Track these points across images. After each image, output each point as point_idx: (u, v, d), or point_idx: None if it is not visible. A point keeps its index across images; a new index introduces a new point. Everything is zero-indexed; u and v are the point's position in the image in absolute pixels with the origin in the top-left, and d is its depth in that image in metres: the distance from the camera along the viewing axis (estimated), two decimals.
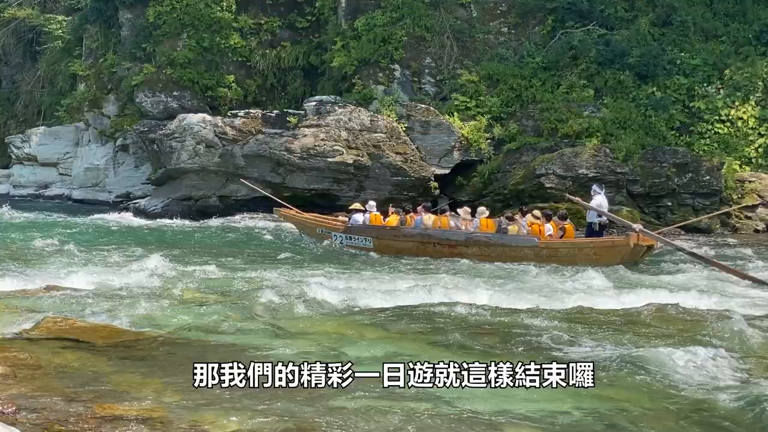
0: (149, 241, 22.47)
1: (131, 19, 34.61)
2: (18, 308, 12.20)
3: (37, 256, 18.46)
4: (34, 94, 40.96)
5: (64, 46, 38.28)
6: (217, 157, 29.93)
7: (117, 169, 34.91)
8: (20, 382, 8.27)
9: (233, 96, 33.75)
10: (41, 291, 13.69)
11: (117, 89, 34.92)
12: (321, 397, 7.78)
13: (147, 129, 33.23)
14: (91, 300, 13.05)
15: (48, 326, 10.76)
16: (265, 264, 18.21)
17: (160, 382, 8.35)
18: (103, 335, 10.53)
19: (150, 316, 11.97)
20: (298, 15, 34.14)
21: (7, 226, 25.27)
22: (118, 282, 14.82)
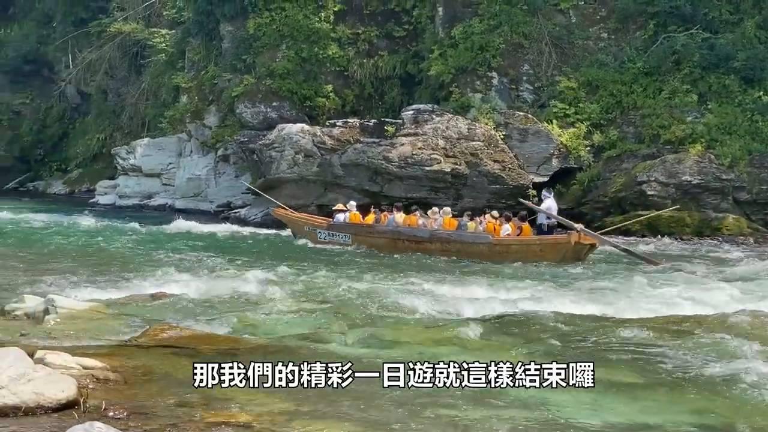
0: (249, 249, 22.79)
1: (232, 32, 35.18)
2: (127, 316, 12.50)
3: (143, 265, 18.86)
4: (138, 107, 41.92)
5: (167, 60, 39.10)
6: (315, 167, 30.20)
7: (218, 179, 35.49)
8: (130, 387, 8.46)
9: (331, 106, 34.02)
10: (148, 299, 13.99)
11: (218, 100, 35.52)
12: (425, 405, 7.79)
13: (247, 139, 33.71)
14: (196, 307, 13.30)
15: (155, 333, 11.00)
16: (363, 273, 18.31)
17: (269, 392, 8.44)
18: (207, 342, 10.71)
19: (252, 324, 12.14)
20: (395, 24, 34.26)
21: (115, 235, 25.91)
22: (221, 290, 15.04)
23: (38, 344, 10.03)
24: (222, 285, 15.58)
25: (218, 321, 12.22)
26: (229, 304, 13.78)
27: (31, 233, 25.97)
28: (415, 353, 10.30)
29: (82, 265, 18.57)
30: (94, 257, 20.38)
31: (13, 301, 12.77)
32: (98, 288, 15.21)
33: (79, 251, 21.69)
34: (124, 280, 16.36)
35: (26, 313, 12.20)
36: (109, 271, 17.57)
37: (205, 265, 18.87)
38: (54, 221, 29.38)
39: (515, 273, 19.00)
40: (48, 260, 19.65)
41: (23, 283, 15.71)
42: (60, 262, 19.19)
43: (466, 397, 8.05)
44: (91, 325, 11.71)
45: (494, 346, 10.68)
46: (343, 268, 18.88)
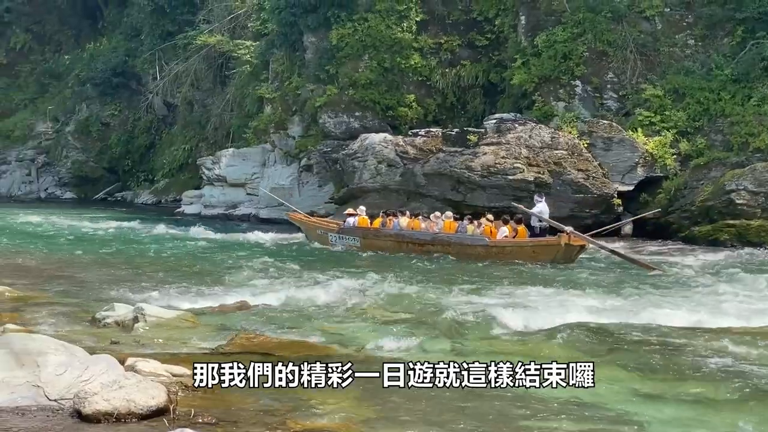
0: (333, 259, 22.88)
1: (315, 43, 35.48)
2: (213, 324, 12.67)
3: (227, 274, 19.08)
4: (223, 117, 42.44)
5: (251, 71, 39.53)
6: (398, 176, 30.27)
7: (301, 189, 35.75)
8: (217, 395, 8.55)
9: (413, 115, 34.07)
10: (233, 308, 14.16)
11: (301, 111, 35.82)
12: (510, 414, 7.74)
13: (330, 149, 33.95)
14: (280, 316, 13.42)
15: (241, 342, 11.12)
16: (449, 282, 18.26)
17: (353, 398, 8.47)
18: (293, 351, 10.78)
19: (338, 333, 12.20)
20: (477, 33, 34.19)
21: (200, 244, 26.28)
22: (304, 299, 15.15)
23: (128, 352, 10.22)
24: (305, 294, 15.67)
25: (302, 330, 12.32)
26: (312, 313, 13.87)
27: (119, 243, 26.46)
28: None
29: (169, 275, 18.87)
30: (180, 266, 20.67)
31: (104, 309, 13.03)
32: (185, 297, 15.44)
33: (166, 260, 22.03)
34: (209, 289, 16.57)
35: (116, 321, 12.45)
36: (194, 281, 17.81)
37: (287, 274, 19.01)
38: (141, 231, 29.93)
39: (588, 280, 18.77)
40: (136, 269, 20.01)
41: (113, 292, 16.02)
42: (148, 271, 19.53)
43: (542, 403, 8.00)
44: (179, 333, 11.90)
45: (588, 360, 10.54)
46: (420, 278, 18.84)
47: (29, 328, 11.86)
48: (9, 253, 23.06)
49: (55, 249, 24.35)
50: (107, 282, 17.48)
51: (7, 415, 7.59)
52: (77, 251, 23.78)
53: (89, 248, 24.51)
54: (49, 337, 9.86)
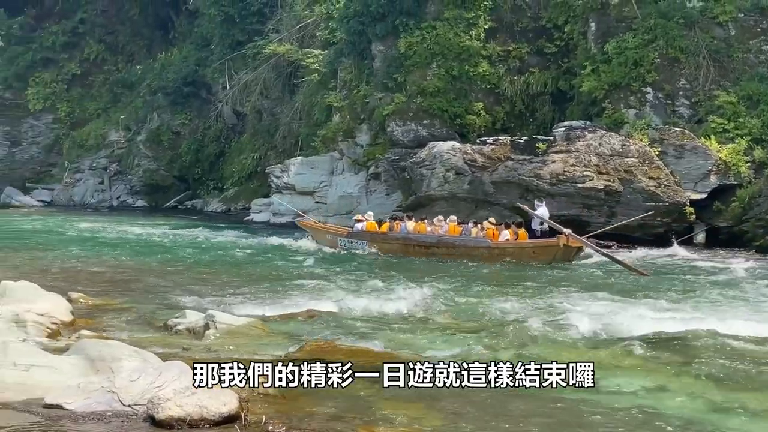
0: (401, 266, 22.86)
1: (383, 51, 35.55)
2: (282, 332, 12.73)
3: (296, 282, 19.16)
4: (292, 126, 42.70)
5: (320, 79, 39.73)
6: (466, 184, 30.16)
7: (369, 197, 35.79)
8: (288, 402, 8.58)
9: (481, 123, 33.93)
10: (302, 315, 14.21)
11: (369, 119, 35.90)
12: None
13: (398, 157, 33.95)
14: (349, 324, 13.44)
15: (311, 349, 11.14)
16: (506, 288, 18.14)
17: (422, 407, 8.44)
18: (362, 358, 10.78)
19: (406, 341, 12.18)
20: (546, 41, 33.97)
21: (268, 252, 26.44)
22: (373, 307, 15.16)
23: (200, 358, 10.29)
24: (371, 302, 15.69)
25: (371, 337, 12.31)
26: (381, 321, 13.86)
27: (189, 250, 26.73)
28: None
29: (238, 282, 19.02)
30: (249, 274, 20.81)
31: (176, 317, 13.16)
32: (254, 305, 15.53)
33: (235, 268, 22.21)
34: (277, 297, 16.65)
35: (187, 327, 12.57)
36: (263, 288, 17.93)
37: (354, 282, 19.01)
38: (210, 239, 30.23)
39: (652, 287, 18.49)
40: (206, 276, 20.20)
41: (183, 299, 16.19)
42: (217, 279, 19.71)
43: (608, 410, 7.88)
44: (249, 340, 11.97)
45: (662, 370, 10.38)
46: (479, 285, 18.77)
47: (103, 334, 12.05)
48: (83, 260, 23.44)
49: (126, 256, 24.69)
50: (178, 289, 17.67)
51: (83, 419, 7.70)
52: (148, 258, 24.11)
53: (160, 256, 24.82)
54: (122, 343, 9.99)
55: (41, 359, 9.02)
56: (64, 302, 13.82)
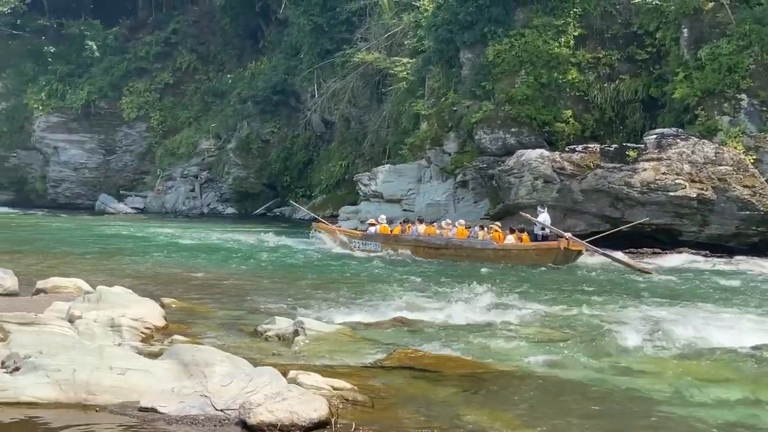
0: (487, 275, 22.75)
1: (471, 59, 35.47)
2: (371, 339, 12.76)
3: (383, 289, 19.20)
4: (379, 134, 42.87)
5: (407, 87, 39.81)
6: (554, 192, 29.89)
7: (457, 205, 35.69)
8: (378, 409, 8.61)
9: (570, 131, 33.59)
10: (390, 323, 14.23)
11: (457, 127, 35.83)
12: None
13: (485, 165, 33.82)
14: (436, 332, 13.42)
15: (399, 357, 11.17)
16: (590, 296, 17.93)
17: (511, 416, 8.39)
18: (450, 366, 10.77)
19: (493, 349, 12.11)
20: (637, 47, 33.47)
21: (355, 259, 26.55)
22: (459, 315, 15.12)
23: (290, 364, 10.38)
24: (460, 310, 15.66)
25: (459, 345, 12.28)
26: (468, 328, 13.81)
27: (278, 257, 27.00)
28: (655, 383, 9.98)
29: (327, 289, 19.12)
30: (337, 281, 20.92)
31: (265, 323, 13.30)
32: (342, 311, 15.60)
33: (323, 275, 22.35)
34: (365, 304, 16.70)
35: (277, 334, 12.68)
36: (351, 295, 18.00)
37: (441, 290, 18.97)
38: (298, 245, 30.46)
39: (739, 296, 18.06)
40: (295, 283, 20.36)
41: (272, 305, 16.35)
42: (306, 285, 19.84)
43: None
44: (338, 347, 12.02)
45: (763, 382, 10.15)
46: (558, 292, 18.59)
47: (195, 339, 12.22)
48: (173, 266, 23.86)
49: (216, 262, 25.04)
50: (266, 295, 17.85)
51: (177, 423, 7.83)
52: (237, 265, 24.40)
53: (249, 262, 25.11)
54: (214, 348, 10.13)
55: (136, 363, 9.20)
56: (157, 307, 14.07)
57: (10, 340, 10.32)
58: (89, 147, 59.79)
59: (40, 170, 61.35)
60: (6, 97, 62.00)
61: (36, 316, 12.62)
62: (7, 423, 7.95)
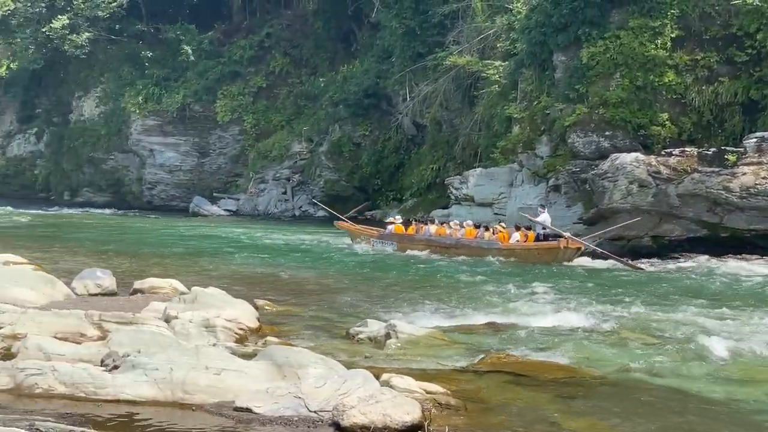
0: (579, 280, 22.48)
1: (565, 62, 35.08)
2: (463, 343, 12.70)
3: (474, 293, 19.12)
4: (471, 137, 42.67)
5: (500, 90, 39.57)
6: (650, 197, 29.34)
7: (549, 209, 35.29)
8: (471, 413, 8.54)
9: (666, 134, 32.93)
10: (482, 327, 14.15)
11: (550, 130, 35.45)
12: None
13: (579, 169, 33.37)
14: (529, 337, 13.29)
15: (493, 361, 11.09)
16: (688, 303, 17.49)
17: (606, 424, 8.24)
18: (544, 371, 10.65)
19: (589, 355, 11.94)
20: (737, 49, 32.64)
21: (445, 263, 26.47)
22: (552, 320, 14.97)
23: (382, 367, 10.38)
24: (550, 314, 15.56)
25: (553, 350, 12.16)
26: (562, 334, 13.64)
27: (367, 260, 27.11)
28: (752, 390, 9.72)
29: (417, 292, 19.11)
30: (427, 284, 20.88)
31: (357, 325, 13.34)
32: (433, 315, 15.60)
33: (413, 278, 22.34)
34: (456, 308, 16.66)
35: (369, 336, 12.71)
36: (442, 299, 17.95)
37: (532, 294, 18.79)
38: (387, 248, 30.51)
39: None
40: (385, 286, 20.40)
41: (363, 307, 16.41)
42: (396, 288, 19.86)
43: None
44: (430, 350, 11.99)
45: None
46: (654, 298, 18.23)
47: (288, 340, 12.31)
48: (265, 267, 24.12)
49: (306, 264, 25.24)
50: (357, 298, 17.93)
51: (272, 423, 7.88)
52: (327, 267, 24.57)
53: (339, 265, 25.25)
54: (307, 350, 10.17)
55: (231, 364, 9.29)
56: (250, 308, 14.22)
57: (110, 339, 10.53)
58: (184, 150, 60.81)
59: (136, 172, 62.63)
60: (105, 100, 63.44)
61: (134, 316, 12.88)
62: (107, 421, 8.09)
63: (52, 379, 8.89)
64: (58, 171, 66.64)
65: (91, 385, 8.80)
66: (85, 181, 64.77)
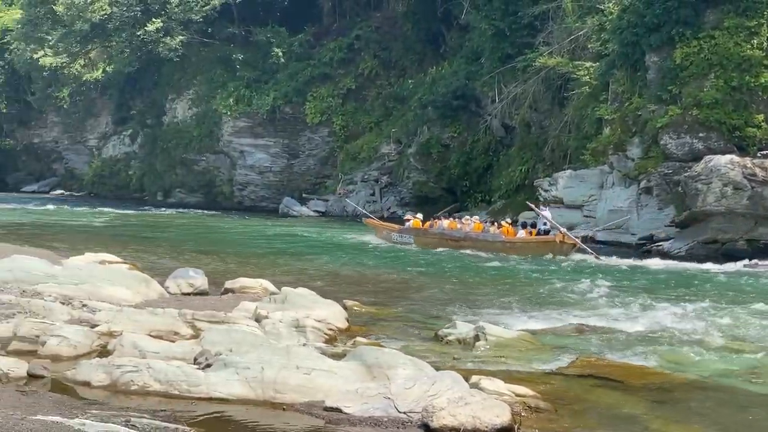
0: (669, 284, 22.12)
1: (657, 62, 34.48)
2: (552, 346, 12.63)
3: (562, 296, 18.97)
4: (561, 139, 42.23)
5: (590, 92, 39.09)
6: (745, 200, 28.72)
7: (640, 211, 34.74)
8: (560, 417, 8.49)
9: (763, 136, 32.09)
10: (572, 330, 14.04)
11: (641, 132, 34.88)
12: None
13: (671, 171, 32.77)
14: (620, 340, 13.17)
15: (583, 364, 11.00)
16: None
17: (699, 430, 8.09)
18: (635, 375, 10.55)
19: (679, 360, 11.79)
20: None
21: (530, 266, 26.31)
22: (644, 324, 14.81)
23: (471, 369, 10.37)
24: (640, 317, 15.45)
25: (643, 355, 12.03)
26: (653, 338, 13.49)
27: (455, 262, 27.07)
28: None
29: (504, 294, 19.04)
30: (514, 286, 20.77)
31: (446, 327, 13.34)
32: (520, 317, 15.54)
33: (500, 280, 22.23)
34: (544, 311, 16.58)
35: (458, 338, 12.71)
36: (529, 302, 17.88)
37: (624, 298, 18.54)
38: (474, 251, 30.43)
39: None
40: (471, 288, 20.34)
41: (450, 310, 16.38)
42: (483, 291, 19.80)
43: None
44: (519, 353, 11.95)
45: None
46: (749, 303, 17.80)
47: (377, 341, 12.36)
48: (354, 268, 24.27)
49: (392, 265, 25.30)
50: (443, 299, 17.94)
51: (361, 424, 7.93)
52: (413, 269, 24.58)
53: (424, 267, 25.24)
54: (397, 351, 10.21)
55: (321, 364, 9.37)
56: (339, 309, 14.34)
57: (202, 338, 10.72)
58: (274, 151, 61.39)
59: (227, 173, 63.44)
60: (197, 102, 64.43)
61: (225, 315, 13.09)
62: (200, 418, 8.23)
63: (147, 376, 9.08)
64: (151, 172, 67.90)
65: (185, 382, 8.96)
66: (177, 181, 65.86)
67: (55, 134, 78.03)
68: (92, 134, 75.28)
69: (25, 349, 10.69)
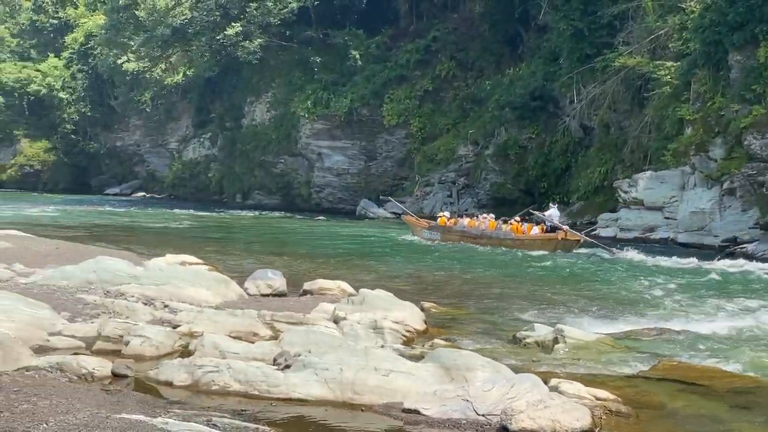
0: (753, 287, 21.67)
1: (741, 61, 33.85)
2: (633, 349, 12.46)
3: (643, 299, 18.73)
4: (640, 139, 41.67)
5: (671, 92, 38.52)
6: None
7: (723, 213, 34.15)
8: (642, 422, 8.37)
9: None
10: (653, 333, 13.83)
11: (724, 132, 34.27)
12: None
13: (755, 172, 32.16)
14: (702, 344, 12.94)
15: (664, 368, 10.82)
16: None
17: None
18: (718, 380, 10.34)
19: (764, 364, 11.52)
20: None
21: (611, 267, 26.00)
22: (726, 327, 14.52)
23: (551, 372, 10.28)
24: (721, 320, 15.16)
25: (728, 359, 11.79)
26: (735, 341, 13.25)
27: (530, 263, 26.94)
28: None
29: (582, 296, 18.88)
30: (592, 289, 20.57)
31: (524, 329, 13.25)
32: (600, 320, 15.37)
33: (578, 282, 22.03)
34: (624, 313, 16.38)
35: (536, 341, 12.60)
36: (609, 304, 17.68)
37: (702, 301, 18.22)
38: (550, 253, 30.24)
39: None
40: (548, 290, 20.16)
41: (527, 312, 16.29)
42: (560, 293, 19.63)
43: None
44: (599, 356, 11.80)
45: None
46: None
47: (454, 343, 12.33)
48: (430, 270, 24.27)
49: (468, 266, 25.23)
50: (521, 302, 17.81)
51: (440, 426, 7.91)
52: (490, 270, 24.49)
53: (501, 269, 25.12)
54: (474, 353, 10.17)
55: (399, 365, 9.37)
56: (417, 311, 14.34)
57: (282, 339, 10.80)
58: (351, 153, 61.68)
59: (305, 175, 63.92)
60: (275, 105, 65.04)
61: (304, 317, 13.18)
62: (280, 419, 8.29)
63: (227, 376, 9.18)
64: (230, 174, 68.74)
65: (264, 383, 9.04)
66: (256, 184, 66.57)
67: (137, 137, 79.56)
68: (173, 137, 76.59)
69: (109, 349, 10.88)
